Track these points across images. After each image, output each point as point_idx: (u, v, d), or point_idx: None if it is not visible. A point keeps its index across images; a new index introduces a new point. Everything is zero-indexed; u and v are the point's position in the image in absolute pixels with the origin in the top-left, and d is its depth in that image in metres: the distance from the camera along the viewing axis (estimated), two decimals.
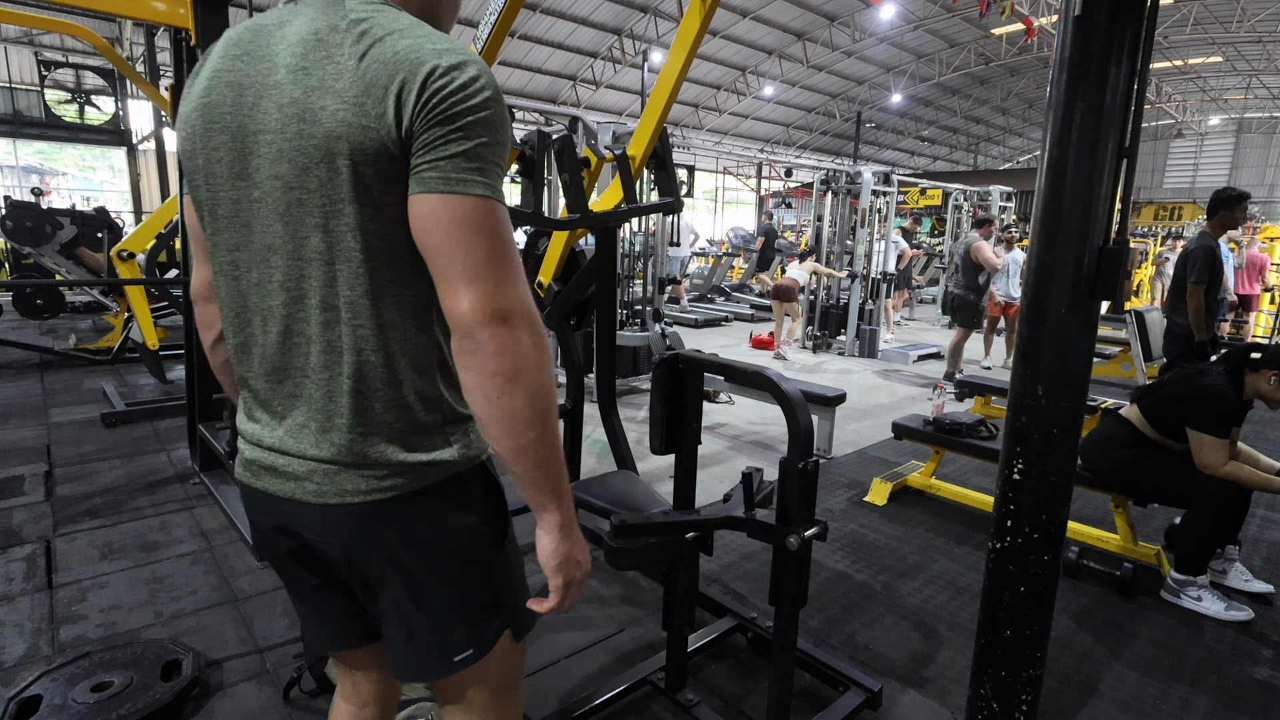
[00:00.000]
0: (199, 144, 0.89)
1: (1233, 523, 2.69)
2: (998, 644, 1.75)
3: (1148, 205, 26.12)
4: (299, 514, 0.94)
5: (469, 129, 0.79)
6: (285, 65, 0.83)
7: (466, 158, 0.79)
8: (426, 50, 0.80)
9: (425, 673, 0.99)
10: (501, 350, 0.80)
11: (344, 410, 0.88)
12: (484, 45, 2.11)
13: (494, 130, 0.81)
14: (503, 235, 0.82)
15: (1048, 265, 1.59)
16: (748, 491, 1.53)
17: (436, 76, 0.78)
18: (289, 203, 0.84)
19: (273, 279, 0.88)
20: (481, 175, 0.80)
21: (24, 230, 6.36)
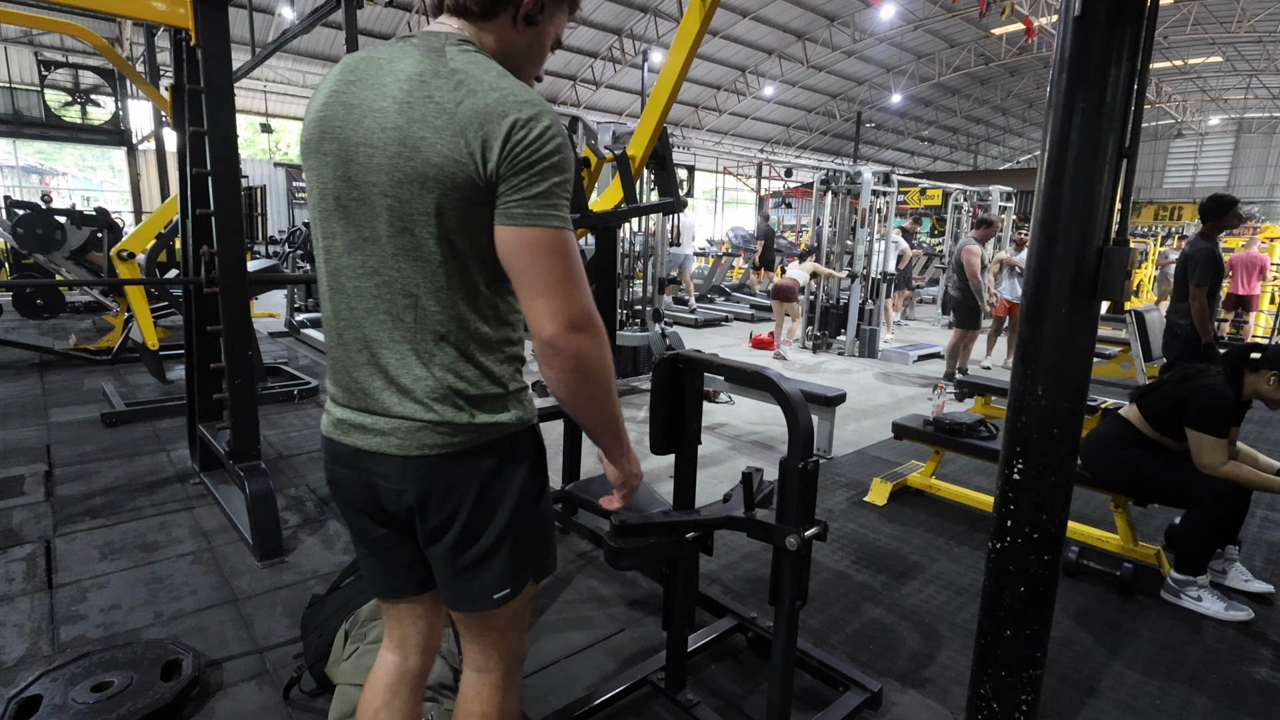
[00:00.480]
0: (314, 148, 1.09)
1: (1232, 523, 2.69)
2: (998, 644, 1.75)
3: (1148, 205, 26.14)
4: (380, 465, 1.11)
5: (544, 173, 0.98)
6: (392, 96, 1.01)
7: (544, 196, 0.99)
8: (510, 104, 0.97)
9: (469, 605, 1.18)
10: (574, 354, 1.02)
11: (421, 379, 1.07)
12: None
13: (562, 171, 1.01)
14: (572, 257, 1.02)
15: (1048, 265, 1.59)
16: (748, 491, 1.54)
17: (517, 129, 0.97)
18: (385, 207, 1.02)
19: (366, 264, 1.07)
20: (555, 210, 1.00)
21: (35, 237, 6.32)
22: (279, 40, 6.08)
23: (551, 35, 1.18)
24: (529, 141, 0.97)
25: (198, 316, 3.39)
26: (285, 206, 21.67)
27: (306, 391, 5.32)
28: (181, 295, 4.04)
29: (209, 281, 3.06)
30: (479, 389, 1.09)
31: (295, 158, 23.99)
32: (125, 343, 6.18)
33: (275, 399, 5.15)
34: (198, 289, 3.26)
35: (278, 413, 4.90)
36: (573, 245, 1.03)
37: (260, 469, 2.94)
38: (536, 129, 0.97)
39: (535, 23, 1.12)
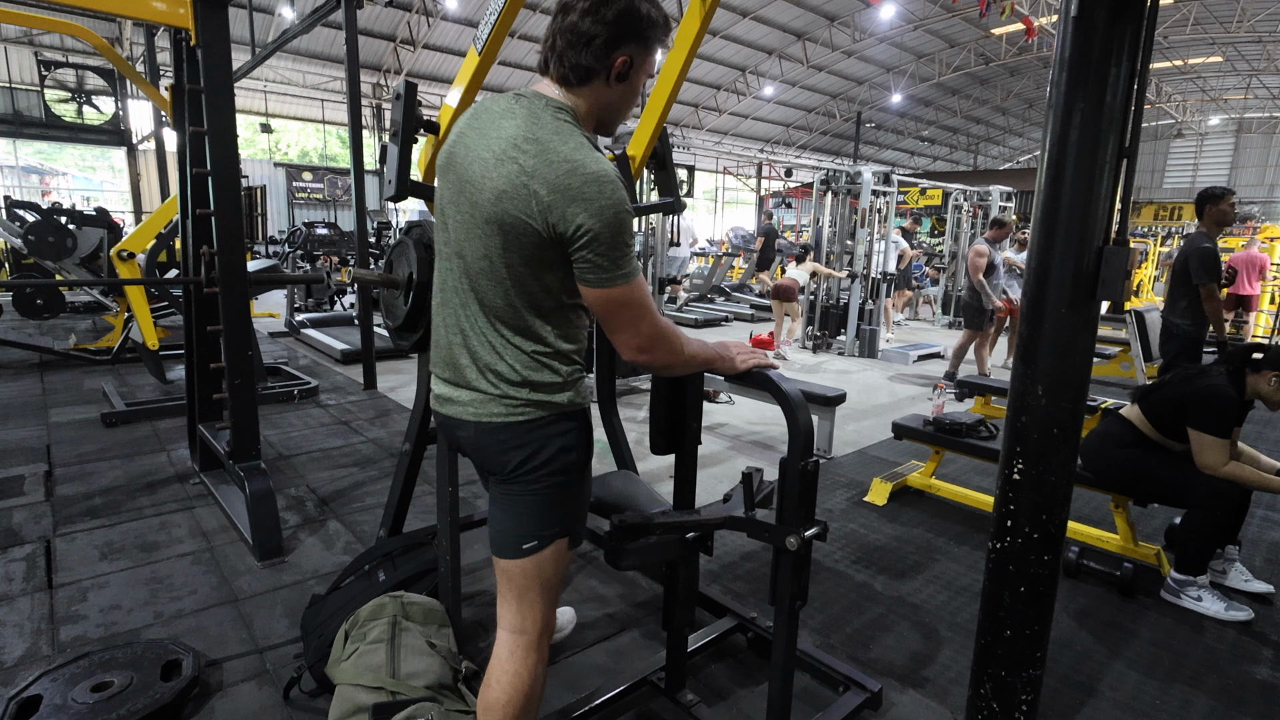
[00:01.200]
0: (442, 172, 1.37)
1: (1233, 523, 2.69)
2: (998, 644, 1.75)
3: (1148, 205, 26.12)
4: (459, 428, 1.39)
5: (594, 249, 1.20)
6: (493, 150, 1.24)
7: (611, 260, 1.21)
8: (575, 179, 1.18)
9: (503, 551, 1.39)
10: (647, 365, 1.35)
11: (493, 365, 1.32)
12: (484, 45, 2.10)
13: (622, 234, 1.21)
14: (638, 300, 1.26)
15: (1048, 265, 1.59)
16: (748, 491, 1.53)
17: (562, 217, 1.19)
18: (476, 235, 1.27)
19: (455, 271, 1.34)
20: (620, 268, 1.23)
21: (46, 245, 6.30)
22: (279, 40, 6.10)
23: (644, 78, 1.36)
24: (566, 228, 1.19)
25: (198, 316, 3.39)
26: (285, 206, 21.66)
27: (306, 391, 5.32)
28: (181, 295, 4.04)
29: (209, 281, 3.06)
30: (535, 375, 1.31)
31: (295, 158, 23.99)
32: (125, 343, 6.18)
33: (275, 399, 5.15)
34: (198, 289, 3.26)
35: (278, 413, 4.90)
36: (639, 290, 1.26)
37: (260, 469, 2.94)
38: (564, 215, 1.19)
39: (626, 79, 1.31)
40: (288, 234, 14.51)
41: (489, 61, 2.14)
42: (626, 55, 1.27)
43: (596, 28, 1.24)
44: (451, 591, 2.09)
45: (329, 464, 3.91)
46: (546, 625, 1.42)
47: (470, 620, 2.37)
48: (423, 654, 1.86)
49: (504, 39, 2.14)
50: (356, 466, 3.88)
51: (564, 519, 1.38)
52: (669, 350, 1.33)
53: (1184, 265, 4.32)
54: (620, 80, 1.30)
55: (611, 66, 1.27)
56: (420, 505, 3.22)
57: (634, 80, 1.33)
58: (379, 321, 6.58)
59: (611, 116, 1.36)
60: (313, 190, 22.34)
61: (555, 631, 1.80)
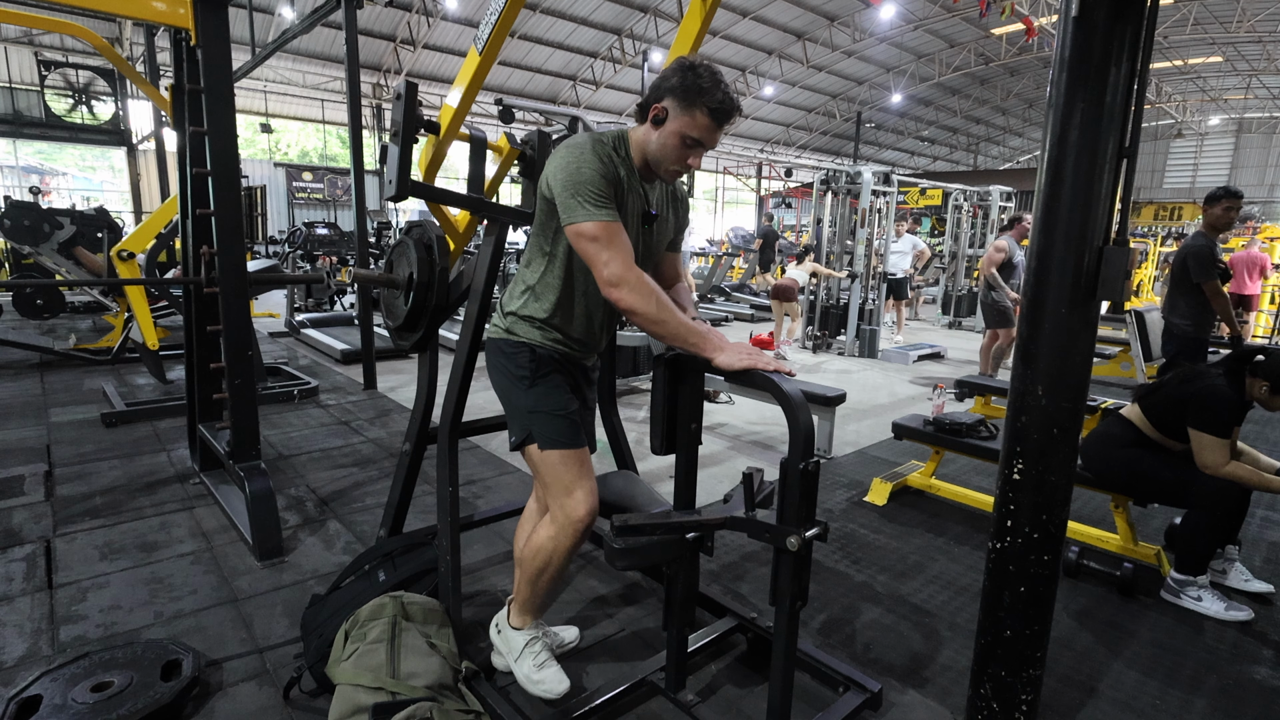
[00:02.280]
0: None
1: (1233, 523, 2.69)
2: (998, 644, 1.75)
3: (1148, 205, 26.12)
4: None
5: (558, 192, 1.59)
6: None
7: (564, 206, 1.57)
8: (557, 150, 1.64)
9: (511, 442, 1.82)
10: (619, 302, 1.54)
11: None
12: (484, 45, 2.10)
13: (578, 180, 1.55)
14: (601, 237, 1.53)
15: (1048, 265, 1.59)
16: (748, 492, 1.53)
17: (544, 183, 1.65)
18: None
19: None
20: (580, 207, 1.55)
21: (22, 229, 6.35)
22: (279, 40, 6.10)
23: (679, 135, 1.59)
24: (549, 177, 1.63)
25: (198, 316, 3.39)
26: (285, 206, 21.66)
27: (306, 391, 5.32)
28: (181, 295, 4.04)
29: (209, 281, 3.06)
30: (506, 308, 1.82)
31: (295, 158, 23.98)
32: (125, 343, 6.18)
33: (275, 399, 5.15)
34: (198, 289, 3.26)
35: (278, 413, 4.90)
36: (599, 230, 1.53)
37: (260, 469, 2.94)
38: (549, 168, 1.63)
39: (661, 124, 1.60)
40: (288, 234, 14.51)
41: (489, 61, 2.14)
42: (663, 105, 1.59)
43: (657, 81, 1.61)
44: (451, 591, 2.09)
45: (329, 464, 3.91)
46: (560, 509, 1.75)
47: (470, 620, 2.37)
48: (423, 654, 1.86)
49: (504, 39, 2.14)
50: (356, 466, 3.88)
51: (521, 422, 1.77)
52: (638, 296, 1.52)
53: (1182, 266, 4.31)
54: (656, 124, 1.61)
55: (649, 110, 1.62)
56: (420, 505, 3.22)
57: (668, 131, 1.59)
58: (379, 321, 6.58)
59: (653, 156, 1.65)
60: (313, 190, 22.35)
61: (561, 644, 2.17)
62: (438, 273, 2.11)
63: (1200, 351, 4.43)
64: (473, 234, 2.44)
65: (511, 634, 1.94)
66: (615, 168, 1.62)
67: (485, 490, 3.59)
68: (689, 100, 1.55)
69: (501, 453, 4.14)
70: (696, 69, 1.55)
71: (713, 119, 1.57)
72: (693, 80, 1.54)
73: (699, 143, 1.59)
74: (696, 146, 1.60)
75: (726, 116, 1.58)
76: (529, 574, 1.84)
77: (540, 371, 1.76)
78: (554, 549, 1.76)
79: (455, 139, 2.17)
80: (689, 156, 1.62)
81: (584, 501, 1.73)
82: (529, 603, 1.90)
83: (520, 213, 2.22)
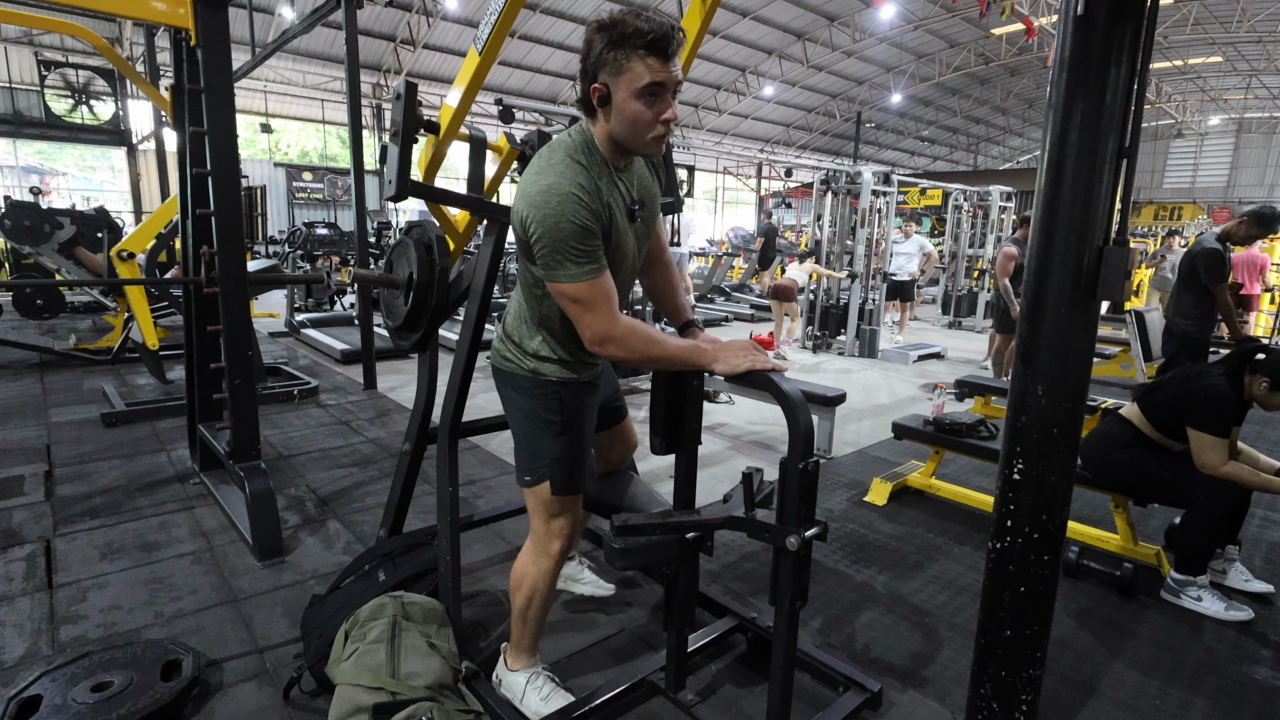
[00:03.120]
0: None
1: (1232, 523, 2.69)
2: (998, 644, 1.75)
3: (1148, 205, 26.13)
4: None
5: (535, 243, 1.45)
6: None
7: (544, 261, 1.45)
8: (521, 196, 1.47)
9: (519, 479, 1.79)
10: (609, 357, 1.51)
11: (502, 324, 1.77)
12: (484, 45, 2.10)
13: (559, 236, 1.41)
14: (582, 299, 1.45)
15: (1047, 265, 1.59)
16: (748, 491, 1.53)
17: (519, 221, 1.48)
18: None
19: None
20: (561, 267, 1.43)
21: (22, 229, 6.35)
22: (279, 40, 6.10)
23: (633, 95, 1.38)
24: (523, 229, 1.47)
25: (198, 316, 3.39)
26: (285, 206, 21.66)
27: (306, 391, 5.32)
28: (181, 295, 4.04)
29: (209, 281, 3.06)
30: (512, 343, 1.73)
31: (295, 158, 23.98)
32: (125, 343, 6.18)
33: (275, 399, 5.15)
34: (198, 289, 3.26)
35: (278, 413, 4.90)
36: (580, 291, 1.44)
37: (260, 469, 2.94)
38: (523, 219, 1.46)
39: (609, 101, 1.41)
40: (288, 234, 14.51)
41: (489, 61, 2.14)
42: (600, 83, 1.41)
43: (581, 67, 1.45)
44: (451, 591, 2.09)
45: (329, 464, 3.91)
46: (540, 538, 1.80)
47: (470, 620, 2.37)
48: (423, 654, 1.86)
49: (504, 39, 2.14)
50: (356, 466, 3.88)
51: (539, 463, 1.74)
52: (625, 349, 1.47)
53: (1191, 268, 4.30)
54: (605, 106, 1.43)
55: (590, 98, 1.44)
56: (420, 505, 3.22)
57: (620, 98, 1.40)
58: (379, 321, 6.58)
59: (622, 138, 1.46)
60: (313, 190, 22.35)
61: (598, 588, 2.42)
62: (438, 273, 2.11)
63: (1201, 351, 4.43)
64: (473, 234, 2.44)
65: (511, 678, 1.93)
66: (595, 181, 1.46)
67: (485, 490, 3.59)
68: (614, 58, 1.35)
69: (501, 453, 4.14)
70: (605, 25, 1.36)
71: (654, 53, 1.34)
72: (608, 37, 1.35)
73: (658, 86, 1.36)
74: (659, 92, 1.37)
75: (666, 42, 1.34)
76: (519, 607, 1.86)
77: (569, 418, 1.71)
78: (535, 574, 1.81)
79: (455, 139, 2.17)
80: (659, 110, 1.39)
81: (566, 531, 1.80)
82: (522, 640, 1.91)
83: None
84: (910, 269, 8.74)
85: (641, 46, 1.33)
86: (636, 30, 1.33)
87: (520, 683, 1.91)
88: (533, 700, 1.87)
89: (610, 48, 1.35)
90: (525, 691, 1.89)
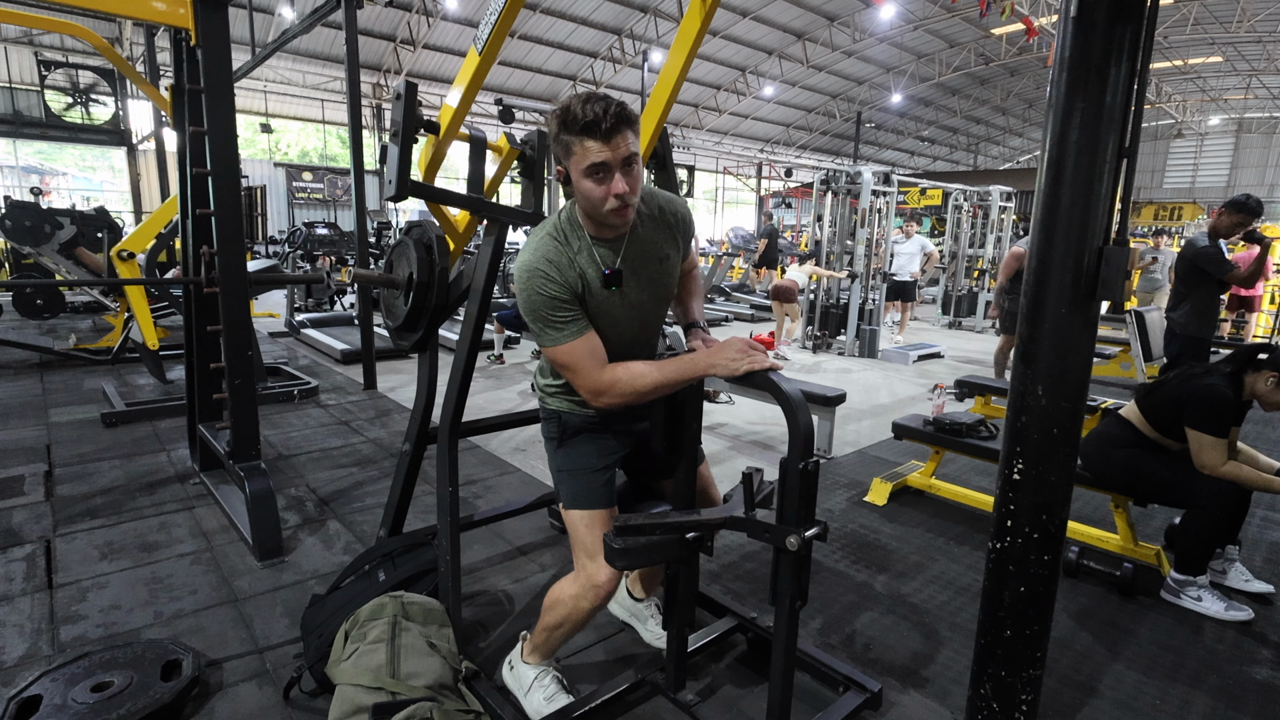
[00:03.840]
0: None
1: (1232, 523, 2.69)
2: (998, 644, 1.75)
3: (1148, 205, 26.12)
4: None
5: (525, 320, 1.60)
6: None
7: (531, 328, 1.59)
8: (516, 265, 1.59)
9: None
10: (609, 406, 1.59)
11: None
12: (484, 45, 2.10)
13: (532, 308, 1.55)
14: (564, 363, 1.57)
15: (1048, 265, 1.59)
16: (748, 492, 1.53)
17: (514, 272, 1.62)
18: None
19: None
20: (542, 335, 1.57)
21: (23, 229, 6.35)
22: (279, 40, 6.10)
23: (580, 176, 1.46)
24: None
25: (198, 316, 3.39)
26: (285, 206, 21.66)
27: (306, 391, 5.32)
28: (181, 295, 4.04)
29: (209, 281, 3.06)
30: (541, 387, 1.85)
31: (295, 158, 23.98)
32: (125, 343, 6.18)
33: (275, 399, 5.15)
34: (198, 289, 3.26)
35: (278, 413, 4.90)
36: (560, 356, 1.56)
37: (260, 469, 2.94)
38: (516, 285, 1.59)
39: (569, 181, 1.51)
40: (288, 234, 14.51)
41: (489, 61, 2.14)
42: (560, 166, 1.51)
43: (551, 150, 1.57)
44: (451, 591, 2.09)
45: (329, 464, 3.91)
46: (580, 565, 1.76)
47: (470, 620, 2.37)
48: (423, 654, 1.86)
49: (504, 39, 2.14)
50: (356, 466, 3.88)
51: (561, 486, 1.81)
52: (619, 394, 1.55)
53: (1191, 268, 4.29)
54: (567, 185, 1.54)
55: (559, 179, 1.56)
56: (420, 505, 3.22)
57: (574, 179, 1.48)
58: (379, 321, 6.58)
59: (589, 212, 1.54)
60: (313, 190, 22.35)
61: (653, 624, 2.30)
62: (438, 273, 2.11)
63: (1203, 351, 4.43)
64: (473, 234, 2.44)
65: (522, 669, 1.95)
66: (569, 255, 1.55)
67: (485, 490, 3.59)
68: (564, 142, 1.44)
69: (501, 453, 4.15)
70: (556, 112, 1.45)
71: (590, 135, 1.40)
72: (558, 123, 1.44)
73: (602, 166, 1.42)
74: (604, 172, 1.43)
75: (599, 122, 1.39)
76: (547, 623, 1.85)
77: (566, 435, 1.79)
78: (573, 608, 1.76)
79: (455, 139, 2.17)
80: (608, 187, 1.44)
81: (605, 567, 1.68)
82: (542, 648, 1.91)
83: (520, 213, 2.22)
84: (912, 269, 8.75)
85: (580, 131, 1.41)
86: (574, 116, 1.41)
87: (529, 677, 1.92)
88: (537, 698, 1.88)
89: (561, 131, 1.44)
90: (532, 686, 1.91)
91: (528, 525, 3.11)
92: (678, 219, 1.71)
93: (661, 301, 1.73)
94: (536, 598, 2.53)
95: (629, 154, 1.44)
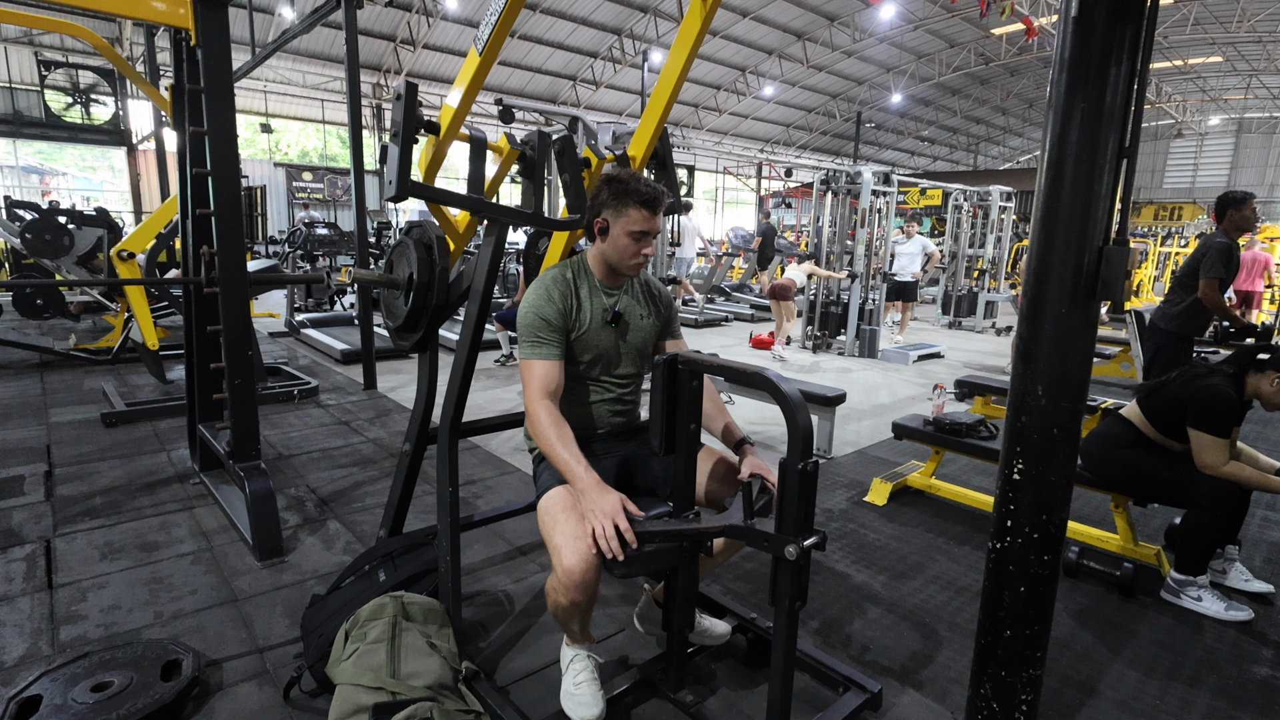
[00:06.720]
0: None
1: (1233, 523, 2.69)
2: (998, 644, 1.75)
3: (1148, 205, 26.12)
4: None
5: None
6: None
7: (518, 337, 1.86)
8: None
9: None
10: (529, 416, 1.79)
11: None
12: (484, 45, 2.10)
13: (521, 320, 1.85)
14: (525, 376, 1.82)
15: (1048, 265, 1.59)
16: (746, 500, 1.53)
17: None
18: None
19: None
20: (520, 345, 1.85)
21: (43, 243, 6.28)
22: (279, 40, 6.10)
23: (624, 233, 1.83)
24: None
25: (198, 316, 3.39)
26: (285, 206, 21.66)
27: (306, 391, 5.32)
28: (181, 295, 4.04)
29: (209, 281, 3.06)
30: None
31: (295, 158, 23.99)
32: (125, 343, 6.18)
33: (275, 399, 5.15)
34: (198, 289, 3.26)
35: (278, 413, 4.90)
36: (523, 368, 1.84)
37: (260, 469, 2.94)
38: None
39: (606, 233, 1.86)
40: (288, 234, 14.51)
41: (490, 61, 2.14)
42: (602, 218, 1.84)
43: (589, 202, 1.88)
44: (451, 591, 2.09)
45: (329, 464, 3.91)
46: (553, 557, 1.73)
47: (470, 620, 2.37)
48: (423, 654, 1.86)
49: (505, 39, 2.14)
50: (356, 466, 3.88)
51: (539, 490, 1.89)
52: (533, 424, 1.76)
53: (1195, 263, 4.24)
54: (603, 235, 1.86)
55: (593, 226, 1.87)
56: (420, 505, 3.22)
57: (614, 233, 1.84)
58: (379, 321, 6.58)
59: (612, 260, 1.88)
60: (313, 190, 22.35)
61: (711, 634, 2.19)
62: (438, 273, 2.11)
63: (1184, 350, 4.34)
64: (473, 234, 2.44)
65: (563, 651, 1.95)
66: (574, 286, 1.90)
67: (485, 490, 3.59)
68: (621, 203, 1.80)
69: (501, 453, 4.15)
70: (618, 177, 1.81)
71: (645, 208, 1.80)
72: (618, 187, 1.79)
73: (645, 233, 1.83)
74: (644, 236, 1.83)
75: (655, 203, 1.80)
76: (549, 610, 1.88)
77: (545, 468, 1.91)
78: (553, 601, 1.77)
79: (455, 139, 2.17)
80: (641, 247, 1.85)
81: (570, 554, 1.63)
82: (566, 633, 1.92)
83: (520, 213, 2.22)
84: (913, 269, 8.75)
85: (640, 202, 1.79)
86: (637, 190, 1.79)
87: (566, 658, 1.93)
88: (568, 680, 1.88)
89: (615, 197, 1.80)
90: (568, 668, 1.91)
91: (528, 525, 3.11)
92: (660, 293, 2.11)
93: (642, 345, 2.04)
94: (536, 598, 2.54)
95: (660, 229, 1.89)
